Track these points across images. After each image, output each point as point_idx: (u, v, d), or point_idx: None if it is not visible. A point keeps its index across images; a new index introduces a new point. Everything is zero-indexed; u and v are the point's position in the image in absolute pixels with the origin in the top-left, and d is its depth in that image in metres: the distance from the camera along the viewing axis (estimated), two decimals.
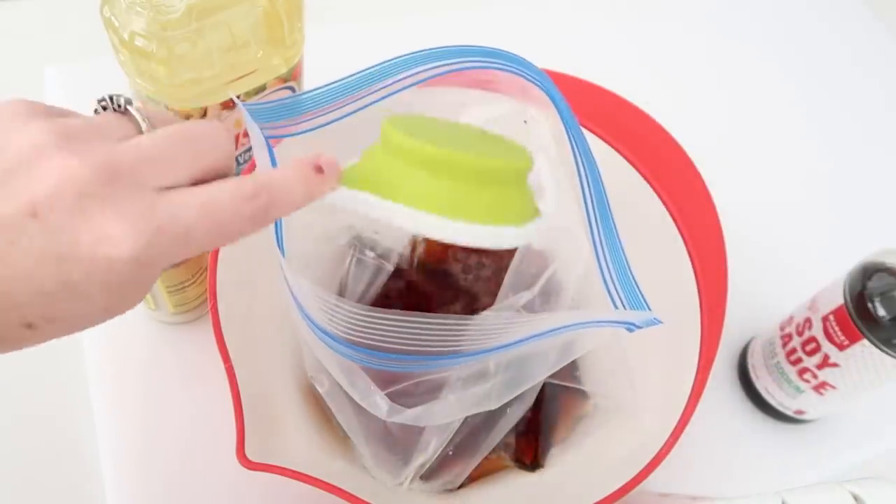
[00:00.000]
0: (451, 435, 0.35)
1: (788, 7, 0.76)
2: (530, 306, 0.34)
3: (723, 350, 0.44)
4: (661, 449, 0.34)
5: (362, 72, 0.32)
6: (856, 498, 0.29)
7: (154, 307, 0.44)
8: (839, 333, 0.41)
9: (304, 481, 0.31)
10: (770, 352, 0.47)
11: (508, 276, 0.36)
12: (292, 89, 0.44)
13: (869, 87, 0.71)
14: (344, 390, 0.32)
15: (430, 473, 0.37)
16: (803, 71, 0.71)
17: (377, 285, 0.42)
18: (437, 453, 0.36)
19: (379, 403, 0.32)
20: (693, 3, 0.74)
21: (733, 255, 0.42)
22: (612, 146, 0.40)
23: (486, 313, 0.31)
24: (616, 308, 0.30)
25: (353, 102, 0.32)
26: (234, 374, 0.32)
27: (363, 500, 0.31)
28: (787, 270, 0.54)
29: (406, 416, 0.32)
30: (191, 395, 0.44)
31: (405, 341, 0.27)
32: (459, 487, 0.39)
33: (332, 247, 0.42)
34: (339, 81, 0.32)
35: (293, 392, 0.39)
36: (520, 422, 0.39)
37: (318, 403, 0.40)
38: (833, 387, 0.43)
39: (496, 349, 0.28)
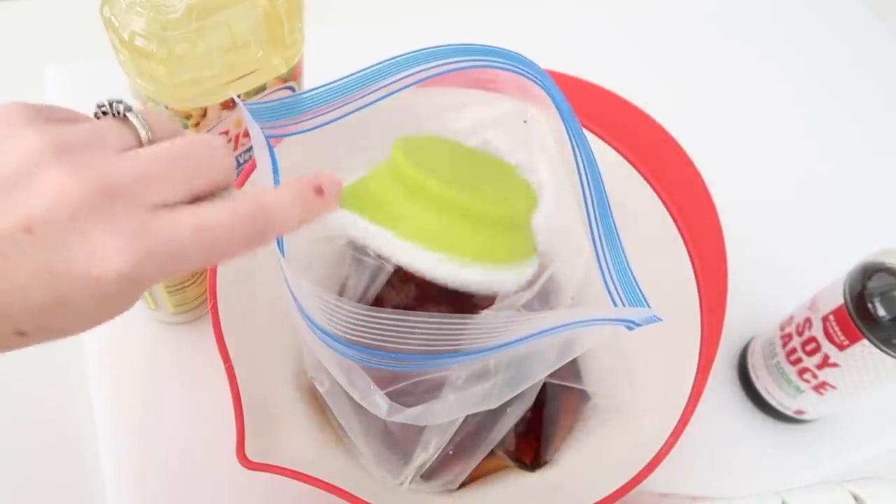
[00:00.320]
0: (452, 434, 0.35)
1: (789, 7, 0.76)
2: (530, 306, 0.34)
3: (723, 350, 0.44)
4: (661, 449, 0.34)
5: (362, 71, 0.32)
6: (856, 498, 0.29)
7: (154, 307, 0.44)
8: (839, 333, 0.41)
9: (304, 481, 0.31)
10: (770, 352, 0.47)
11: None
12: (292, 89, 0.44)
13: (869, 87, 0.71)
14: (344, 390, 0.32)
15: (430, 473, 0.37)
16: (803, 71, 0.71)
17: (377, 285, 0.42)
18: (438, 453, 0.36)
19: (379, 403, 0.32)
20: (693, 3, 0.74)
21: (733, 255, 0.42)
22: (612, 146, 0.40)
23: (486, 312, 0.31)
24: (616, 306, 0.30)
25: (353, 102, 0.32)
26: (234, 374, 0.32)
27: (363, 500, 0.31)
28: (787, 270, 0.54)
29: (406, 415, 0.32)
30: (191, 395, 0.44)
31: (405, 340, 0.27)
32: (459, 487, 0.39)
33: (332, 246, 0.42)
34: (339, 81, 0.32)
35: (293, 392, 0.39)
36: (520, 421, 0.39)
37: (318, 403, 0.40)
38: (833, 387, 0.43)
39: (496, 348, 0.28)
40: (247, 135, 0.45)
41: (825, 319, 0.42)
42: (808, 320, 0.44)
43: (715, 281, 0.40)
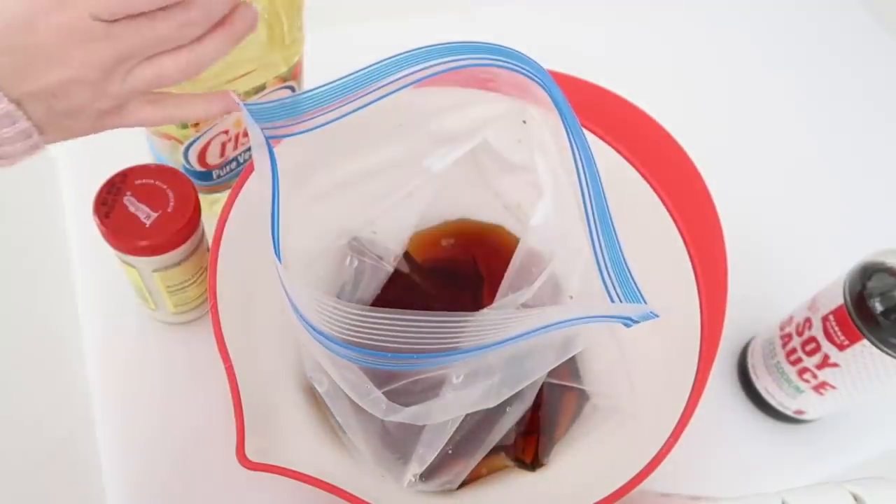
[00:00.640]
0: (451, 434, 0.35)
1: (789, 8, 0.76)
2: (529, 305, 0.34)
3: (723, 350, 0.44)
4: (661, 449, 0.34)
5: (361, 71, 0.32)
6: (856, 498, 0.29)
7: (154, 307, 0.44)
8: (839, 333, 0.41)
9: (304, 481, 0.31)
10: (770, 352, 0.47)
11: (507, 275, 0.36)
12: (292, 88, 0.44)
13: (869, 87, 0.71)
14: (343, 390, 0.32)
15: (429, 473, 0.37)
16: (803, 71, 0.71)
17: (376, 285, 0.42)
18: (437, 452, 0.36)
19: (377, 402, 0.31)
20: (693, 3, 0.74)
21: (733, 255, 0.42)
22: (612, 146, 0.40)
23: (485, 311, 0.31)
24: (613, 304, 0.30)
25: (353, 102, 0.32)
26: (234, 374, 0.32)
27: (363, 500, 0.31)
28: (787, 270, 0.54)
29: (404, 414, 0.32)
30: (191, 395, 0.44)
31: (403, 340, 0.27)
32: (459, 487, 0.39)
33: (332, 247, 0.42)
34: (339, 80, 0.32)
35: (293, 392, 0.39)
36: (520, 421, 0.39)
37: (318, 403, 0.40)
38: (833, 387, 0.43)
39: (494, 345, 0.28)
40: (247, 134, 0.45)
41: (825, 319, 0.42)
42: (808, 320, 0.44)
43: (715, 281, 0.40)
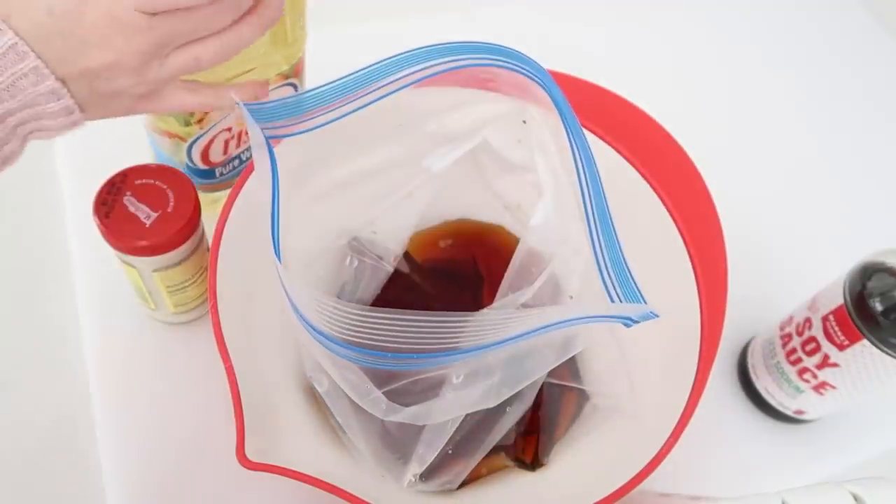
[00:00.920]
0: (451, 434, 0.35)
1: (789, 8, 0.76)
2: (529, 305, 0.34)
3: (723, 350, 0.44)
4: (661, 449, 0.34)
5: (361, 71, 0.32)
6: (856, 498, 0.28)
7: (154, 307, 0.44)
8: (839, 333, 0.41)
9: (304, 481, 0.31)
10: (770, 352, 0.47)
11: (507, 275, 0.36)
12: (294, 86, 0.44)
13: (869, 87, 0.71)
14: (343, 390, 0.32)
15: (429, 473, 0.37)
16: (804, 72, 0.71)
17: (376, 285, 0.42)
18: (437, 452, 0.36)
19: (377, 402, 0.31)
20: (693, 3, 0.74)
21: (733, 255, 0.42)
22: (612, 146, 0.40)
23: (485, 311, 0.31)
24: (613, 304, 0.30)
25: (353, 102, 0.32)
26: (234, 374, 0.32)
27: (363, 500, 0.31)
28: (787, 270, 0.54)
29: (404, 414, 0.32)
30: (191, 395, 0.44)
31: (403, 340, 0.27)
32: (459, 487, 0.39)
33: (332, 247, 0.42)
34: (339, 80, 0.32)
35: (293, 392, 0.39)
36: (520, 421, 0.39)
37: (318, 403, 0.40)
38: (833, 387, 0.43)
39: (494, 345, 0.28)
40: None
41: (825, 319, 0.42)
42: (808, 320, 0.44)
43: (715, 281, 0.40)
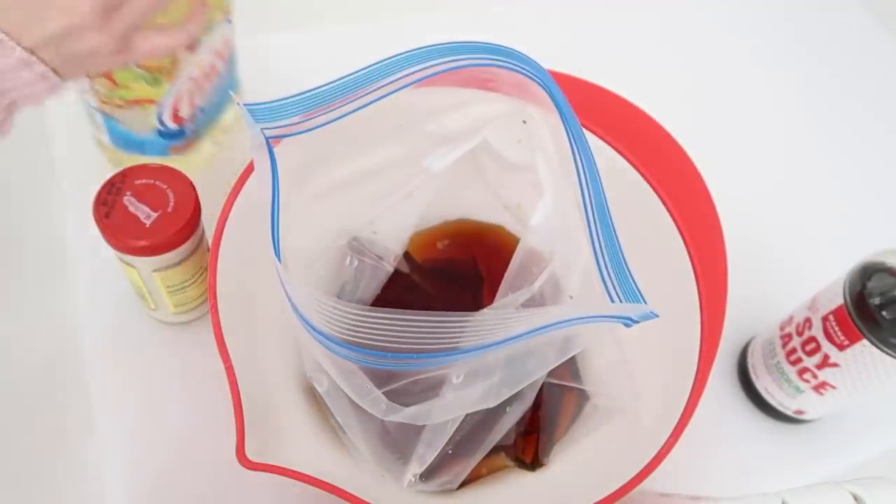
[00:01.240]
0: (451, 434, 0.35)
1: (789, 8, 0.76)
2: (529, 305, 0.34)
3: (723, 350, 0.44)
4: (661, 449, 0.34)
5: (361, 71, 0.32)
6: (856, 498, 0.28)
7: (154, 307, 0.44)
8: (839, 333, 0.41)
9: (304, 481, 0.31)
10: (770, 352, 0.47)
11: (507, 275, 0.36)
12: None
13: (868, 87, 0.71)
14: (342, 390, 0.32)
15: (429, 473, 0.37)
16: (804, 71, 0.71)
17: (376, 285, 0.42)
18: (437, 452, 0.36)
19: (377, 402, 0.31)
20: (693, 3, 0.74)
21: (733, 255, 0.42)
22: (612, 146, 0.40)
23: (485, 311, 0.31)
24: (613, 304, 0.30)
25: (353, 102, 0.32)
26: (234, 374, 0.32)
27: (363, 500, 0.31)
28: (787, 270, 0.54)
29: (404, 414, 0.32)
30: (191, 395, 0.44)
31: (403, 340, 0.27)
32: (459, 487, 0.39)
33: (332, 247, 0.42)
34: (339, 80, 0.32)
35: (293, 392, 0.39)
36: (520, 421, 0.39)
37: (318, 403, 0.40)
38: (833, 387, 0.43)
39: (494, 345, 0.28)
40: (208, 75, 0.45)
41: (825, 319, 0.42)
42: (808, 320, 0.44)
43: (715, 281, 0.40)
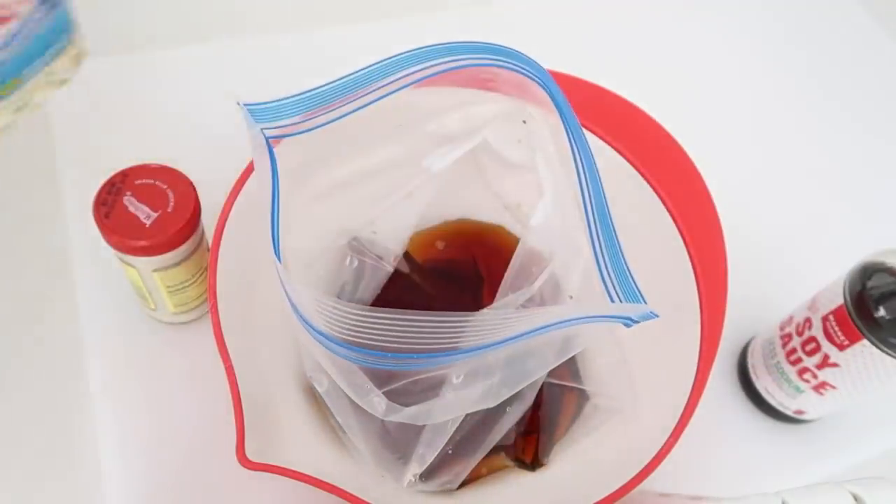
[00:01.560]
0: (451, 434, 0.35)
1: (789, 9, 0.76)
2: (529, 305, 0.34)
3: (723, 350, 0.44)
4: (661, 449, 0.34)
5: (361, 71, 0.32)
6: (856, 498, 0.28)
7: (154, 307, 0.44)
8: (839, 333, 0.41)
9: (304, 481, 0.31)
10: (770, 352, 0.47)
11: (507, 275, 0.36)
12: None
13: (868, 87, 0.71)
14: (342, 390, 0.32)
15: (429, 473, 0.37)
16: (803, 71, 0.71)
17: (376, 285, 0.42)
18: (437, 452, 0.36)
19: (376, 402, 0.31)
20: (693, 3, 0.74)
21: (733, 255, 0.42)
22: (612, 146, 0.40)
23: (485, 311, 0.31)
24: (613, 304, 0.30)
25: (353, 101, 0.32)
26: (234, 374, 0.32)
27: (363, 500, 0.31)
28: (787, 270, 0.54)
29: (404, 414, 0.32)
30: (191, 395, 0.44)
31: (403, 340, 0.27)
32: (459, 487, 0.39)
33: (332, 247, 0.42)
34: (339, 81, 0.32)
35: (293, 392, 0.39)
36: (520, 421, 0.39)
37: (318, 403, 0.40)
38: (833, 387, 0.43)
39: (494, 345, 0.28)
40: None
41: (825, 319, 0.42)
42: (808, 320, 0.44)
43: (715, 281, 0.40)
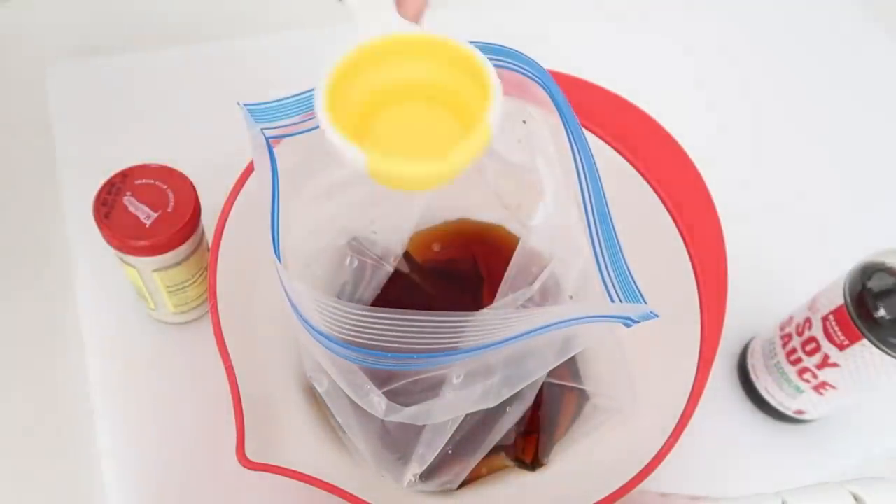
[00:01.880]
0: (451, 434, 0.35)
1: (788, 9, 0.76)
2: (529, 305, 0.34)
3: (723, 350, 0.44)
4: (661, 449, 0.34)
5: None
6: (856, 498, 0.28)
7: (154, 307, 0.44)
8: (839, 333, 0.41)
9: (304, 481, 0.31)
10: (770, 352, 0.47)
11: (507, 275, 0.36)
12: None
13: (868, 87, 0.71)
14: (342, 390, 0.32)
15: (429, 473, 0.37)
16: (803, 71, 0.71)
17: (376, 285, 0.42)
18: (437, 452, 0.36)
19: (376, 402, 0.31)
20: (693, 3, 0.74)
21: (733, 254, 0.42)
22: (612, 146, 0.40)
23: (485, 311, 0.31)
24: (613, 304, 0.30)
25: None
26: (234, 374, 0.32)
27: (363, 500, 0.31)
28: (788, 270, 0.54)
29: (404, 414, 0.32)
30: (191, 395, 0.44)
31: (403, 340, 0.27)
32: (459, 487, 0.39)
33: (332, 247, 0.42)
34: None
35: (293, 392, 0.39)
36: (520, 421, 0.39)
37: (318, 403, 0.40)
38: (833, 387, 0.43)
39: (494, 345, 0.28)
40: None
41: (825, 319, 0.42)
42: (808, 320, 0.44)
43: (715, 281, 0.40)
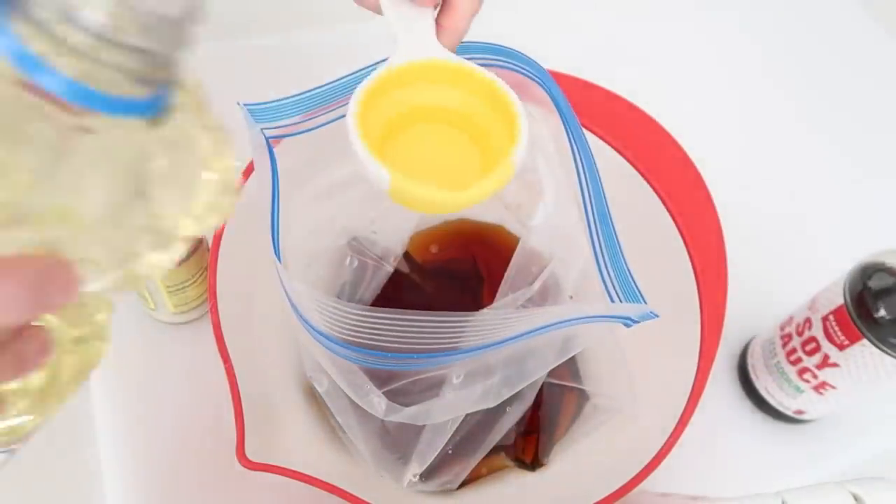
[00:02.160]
0: (451, 434, 0.35)
1: (788, 9, 0.76)
2: (529, 305, 0.34)
3: (723, 350, 0.44)
4: (661, 449, 0.34)
5: (362, 70, 0.32)
6: (856, 498, 0.28)
7: (154, 307, 0.44)
8: (839, 333, 0.41)
9: (304, 481, 0.31)
10: (770, 352, 0.47)
11: (507, 275, 0.36)
12: None
13: (868, 86, 0.71)
14: (342, 390, 0.32)
15: (429, 473, 0.37)
16: (803, 71, 0.71)
17: (376, 285, 0.42)
18: (437, 452, 0.36)
19: (376, 402, 0.32)
20: (693, 4, 0.74)
21: (733, 254, 0.42)
22: (613, 146, 0.40)
23: (485, 311, 0.31)
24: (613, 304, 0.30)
25: None
26: (234, 374, 0.32)
27: (363, 500, 0.31)
28: (787, 270, 0.54)
29: (404, 414, 0.32)
30: (191, 395, 0.44)
31: (403, 340, 0.27)
32: (459, 487, 0.39)
33: (332, 247, 0.42)
34: (339, 80, 0.32)
35: (293, 392, 0.39)
36: (520, 421, 0.39)
37: (318, 403, 0.40)
38: (833, 387, 0.43)
39: (494, 345, 0.28)
40: None
41: (825, 319, 0.42)
42: (807, 320, 0.44)
43: (715, 281, 0.40)
